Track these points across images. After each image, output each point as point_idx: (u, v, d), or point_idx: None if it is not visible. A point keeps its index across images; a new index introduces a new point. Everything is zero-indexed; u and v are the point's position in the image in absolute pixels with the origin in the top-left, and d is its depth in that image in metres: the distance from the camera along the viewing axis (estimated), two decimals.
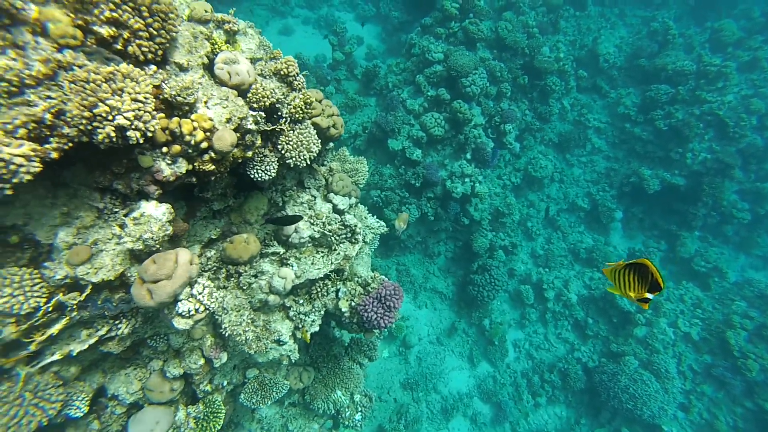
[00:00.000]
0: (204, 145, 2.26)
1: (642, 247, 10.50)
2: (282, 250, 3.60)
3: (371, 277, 3.81)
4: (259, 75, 2.94)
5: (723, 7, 12.69)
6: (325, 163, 4.16)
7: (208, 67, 2.59)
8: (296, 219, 3.22)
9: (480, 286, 8.31)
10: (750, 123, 9.66)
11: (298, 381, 4.33)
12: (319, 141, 3.20)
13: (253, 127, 2.54)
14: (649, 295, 2.12)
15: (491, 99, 9.24)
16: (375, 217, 4.44)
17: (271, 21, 12.51)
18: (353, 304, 3.65)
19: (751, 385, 7.87)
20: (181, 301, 2.29)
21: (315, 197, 3.97)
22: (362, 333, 3.77)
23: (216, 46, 2.68)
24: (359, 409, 4.68)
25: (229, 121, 2.45)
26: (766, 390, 7.77)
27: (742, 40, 11.31)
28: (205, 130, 2.25)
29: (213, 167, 2.37)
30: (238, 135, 2.51)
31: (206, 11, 2.90)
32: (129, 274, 2.26)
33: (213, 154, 2.32)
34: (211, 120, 2.33)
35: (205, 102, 2.40)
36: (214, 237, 3.14)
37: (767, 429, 7.60)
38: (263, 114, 2.61)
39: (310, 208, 3.87)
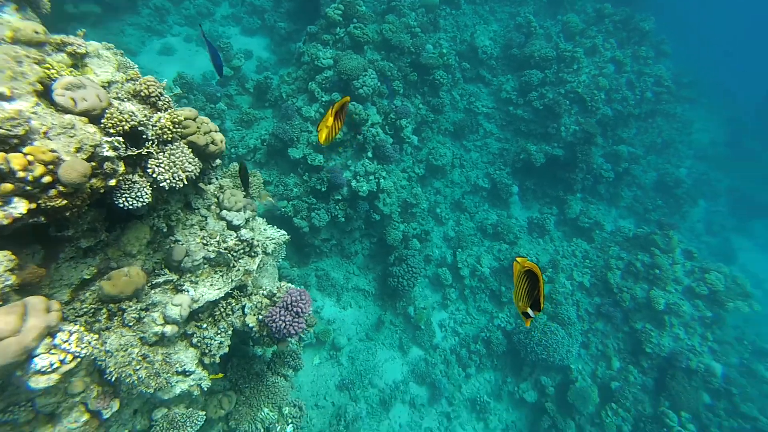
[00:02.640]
0: (47, 179, 2.08)
1: (538, 215, 11.69)
2: (175, 277, 3.44)
3: (277, 288, 3.79)
4: (115, 98, 2.77)
5: (567, 4, 14.60)
6: (213, 180, 4.03)
7: (45, 95, 2.39)
8: None
9: (399, 277, 8.63)
10: (600, 97, 11.29)
11: (218, 408, 4.16)
12: (197, 159, 3.11)
13: (110, 153, 2.40)
14: (530, 312, 2.24)
15: (385, 98, 9.60)
16: (275, 227, 4.41)
17: (147, 41, 11.54)
18: (260, 317, 3.61)
19: (627, 313, 9.38)
20: (38, 356, 2.08)
21: (206, 217, 3.84)
22: (276, 345, 3.74)
23: (53, 71, 2.47)
24: (290, 421, 4.63)
25: (79, 150, 2.29)
26: (635, 314, 9.36)
27: (584, 30, 13.18)
28: (46, 163, 2.08)
29: (65, 202, 2.20)
30: (94, 164, 2.36)
31: (37, 32, 2.65)
32: None
33: (62, 188, 2.15)
34: (54, 152, 2.16)
35: (44, 132, 2.21)
36: (87, 277, 2.89)
37: (639, 343, 9.12)
38: (121, 139, 2.47)
39: (201, 229, 3.74)
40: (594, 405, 8.37)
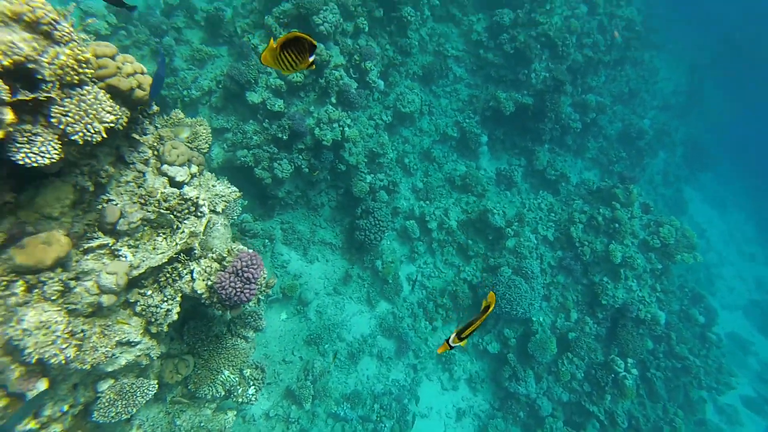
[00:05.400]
0: None
1: (506, 166, 11.61)
2: (110, 241, 3.03)
3: (227, 250, 3.46)
4: None
5: None
6: (150, 130, 3.50)
7: None
8: None
9: (366, 230, 8.43)
10: (572, 42, 10.91)
11: (175, 373, 3.94)
12: (120, 108, 2.60)
13: None
14: (450, 342, 2.39)
15: (348, 36, 8.83)
16: (226, 182, 3.97)
17: None
18: (210, 283, 3.30)
19: (586, 266, 9.71)
20: None
21: (143, 173, 3.36)
22: (229, 311, 3.48)
23: None
24: (251, 383, 4.50)
25: None
26: (594, 267, 9.66)
27: None
28: None
29: None
30: None
31: None
32: None
33: None
34: None
35: None
36: None
37: (595, 296, 9.47)
38: (2, 85, 1.95)
39: (139, 187, 3.27)
40: (552, 354, 8.79)
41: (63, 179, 2.79)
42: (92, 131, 2.34)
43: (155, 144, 3.60)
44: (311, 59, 2.09)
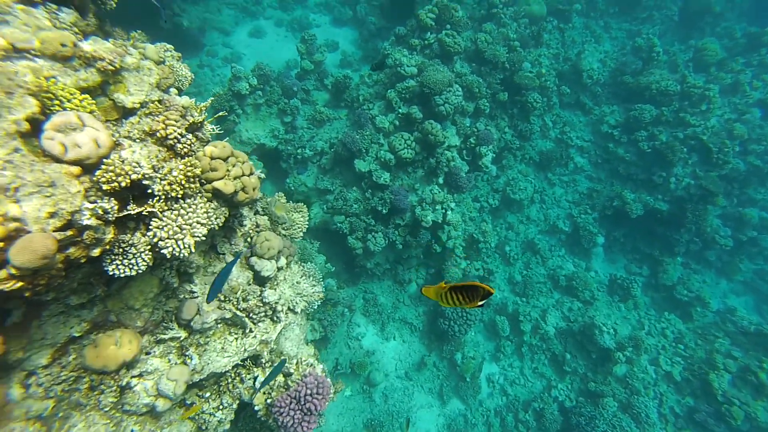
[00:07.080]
0: None
1: (624, 273, 10.05)
2: (183, 335, 2.93)
3: (296, 364, 3.16)
4: (126, 137, 2.25)
5: (706, 25, 12.27)
6: (246, 222, 3.47)
7: (36, 133, 1.90)
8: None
9: (451, 321, 7.73)
10: (733, 149, 9.23)
11: None
12: (217, 213, 2.53)
13: (92, 222, 1.85)
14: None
15: (468, 116, 8.66)
16: (312, 279, 3.76)
17: (241, 22, 11.76)
18: (270, 400, 2.99)
19: None
20: None
21: None
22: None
23: (55, 102, 1.98)
24: None
25: (53, 215, 1.76)
26: None
27: (724, 61, 10.87)
28: None
29: (20, 284, 1.68)
30: (71, 232, 1.83)
31: (64, 45, 2.20)
32: None
33: (13, 270, 1.63)
34: (16, 220, 1.64)
35: (14, 189, 1.70)
36: (77, 334, 2.44)
37: None
38: (108, 206, 1.92)
39: None
40: None
41: (152, 273, 2.79)
42: (182, 247, 2.25)
43: (251, 231, 3.56)
44: (480, 303, 1.91)
